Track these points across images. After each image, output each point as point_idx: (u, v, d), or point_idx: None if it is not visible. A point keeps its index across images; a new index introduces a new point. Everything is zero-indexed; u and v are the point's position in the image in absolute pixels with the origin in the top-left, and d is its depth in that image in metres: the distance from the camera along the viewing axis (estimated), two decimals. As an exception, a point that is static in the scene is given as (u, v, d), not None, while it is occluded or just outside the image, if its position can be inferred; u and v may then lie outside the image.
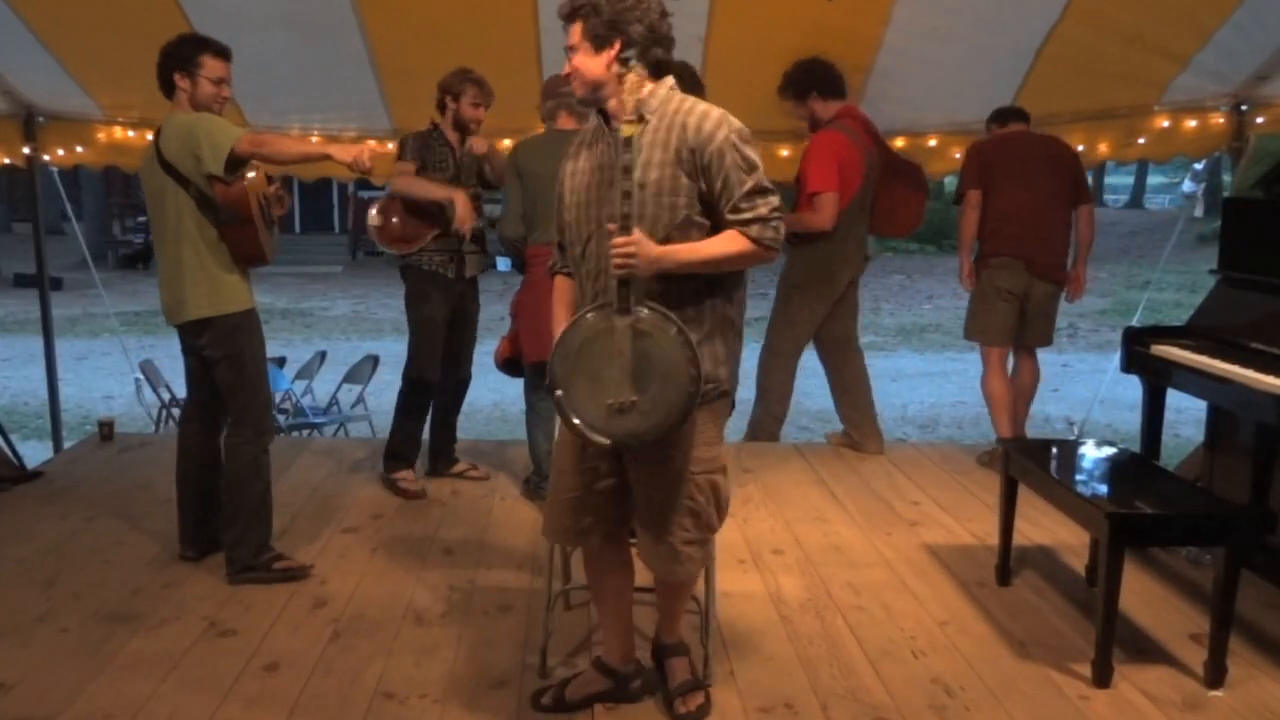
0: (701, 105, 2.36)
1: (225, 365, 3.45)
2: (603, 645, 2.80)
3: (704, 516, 2.49)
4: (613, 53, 2.32)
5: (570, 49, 2.37)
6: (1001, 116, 4.75)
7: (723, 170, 2.31)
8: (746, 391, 4.17)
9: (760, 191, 2.33)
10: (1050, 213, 4.57)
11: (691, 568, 2.55)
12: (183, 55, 3.48)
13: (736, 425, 4.14)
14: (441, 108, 4.30)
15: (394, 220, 4.19)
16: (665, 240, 2.31)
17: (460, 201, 4.18)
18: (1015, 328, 4.68)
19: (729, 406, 2.52)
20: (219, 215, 3.38)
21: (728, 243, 2.33)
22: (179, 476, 3.67)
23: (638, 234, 2.25)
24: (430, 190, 4.19)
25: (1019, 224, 4.53)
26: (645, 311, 2.28)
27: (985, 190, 4.58)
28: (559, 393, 2.34)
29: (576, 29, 2.34)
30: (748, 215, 2.32)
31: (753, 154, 2.34)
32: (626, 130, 2.27)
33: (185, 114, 3.45)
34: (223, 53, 3.55)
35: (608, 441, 2.32)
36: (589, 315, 2.33)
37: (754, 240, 2.32)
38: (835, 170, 4.60)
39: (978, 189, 4.60)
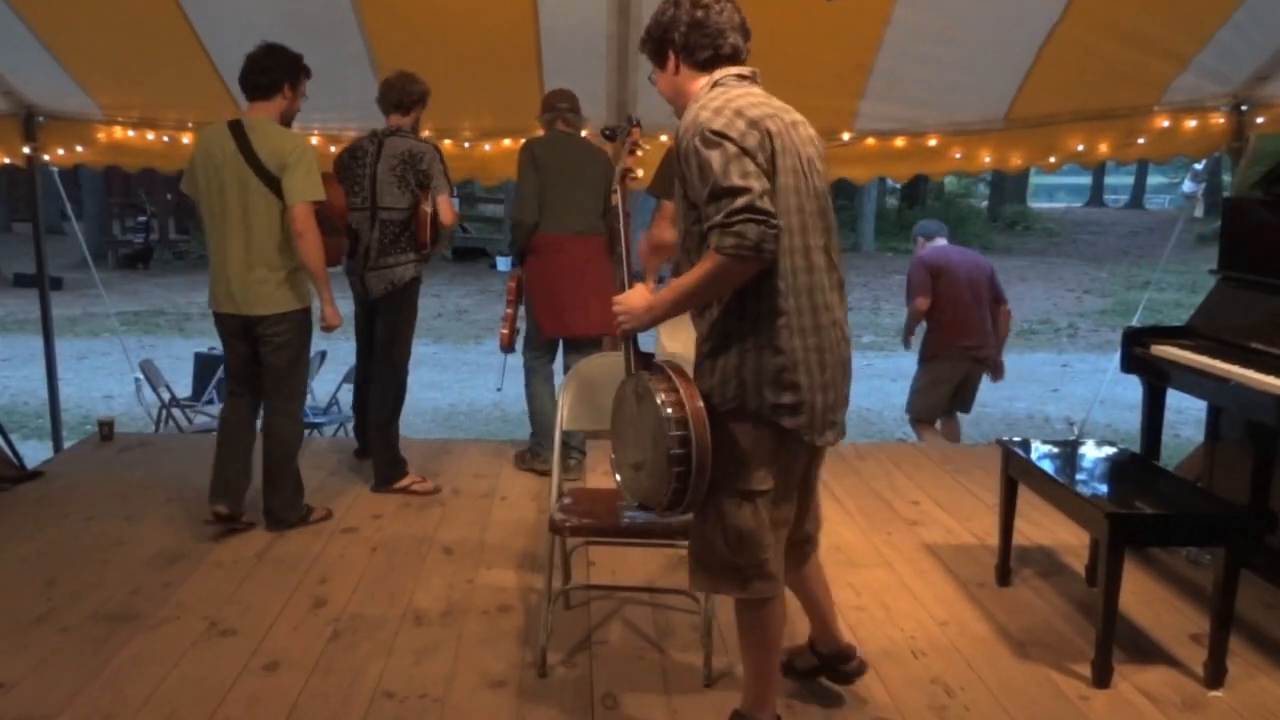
0: (701, 107, 2.19)
1: (288, 353, 3.84)
2: None
3: (696, 538, 2.36)
4: (671, 67, 2.34)
5: (650, 78, 2.43)
6: (928, 233, 5.70)
7: (690, 176, 2.16)
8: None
9: (717, 195, 2.08)
10: (983, 310, 5.49)
11: (695, 583, 2.44)
12: (295, 70, 3.79)
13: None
14: (407, 110, 4.41)
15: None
16: (686, 254, 2.26)
17: None
18: (947, 405, 5.70)
19: (755, 419, 2.23)
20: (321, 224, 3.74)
21: (699, 265, 2.14)
22: (225, 436, 3.90)
23: (629, 291, 2.34)
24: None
25: (963, 326, 5.44)
26: (645, 373, 2.29)
27: (934, 295, 5.46)
28: (613, 456, 2.44)
29: (646, 57, 2.41)
30: (708, 224, 2.10)
31: (712, 154, 2.09)
32: (615, 199, 2.40)
33: (283, 128, 3.78)
34: (310, 74, 3.92)
35: (635, 502, 2.35)
36: (620, 388, 2.42)
37: (715, 250, 2.07)
38: None
39: (928, 295, 5.46)
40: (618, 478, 2.42)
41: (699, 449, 2.16)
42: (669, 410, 2.16)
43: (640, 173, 2.62)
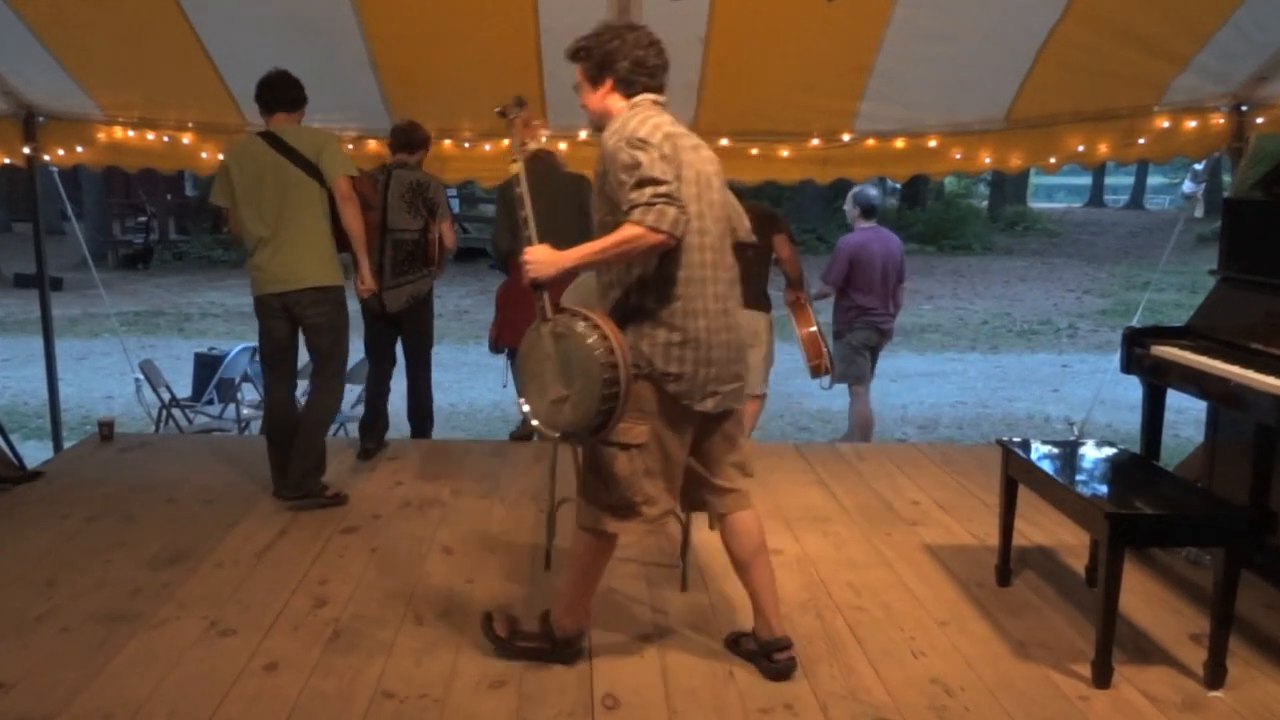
0: (626, 120, 2.60)
1: (331, 333, 4.27)
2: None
3: (584, 478, 2.77)
4: (605, 90, 2.70)
5: (576, 88, 2.77)
6: (867, 207, 6.05)
7: (615, 171, 2.54)
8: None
9: (643, 184, 2.47)
10: (891, 294, 6.07)
11: (580, 518, 2.81)
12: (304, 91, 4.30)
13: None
14: (414, 150, 4.98)
15: None
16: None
17: None
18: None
19: (648, 382, 2.62)
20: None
21: (614, 233, 2.51)
22: (273, 430, 4.33)
23: (536, 247, 2.67)
24: None
25: (874, 307, 5.98)
26: (562, 316, 2.60)
27: (850, 280, 5.96)
28: (520, 400, 2.69)
29: (578, 70, 2.74)
30: (631, 205, 2.47)
31: (638, 154, 2.49)
32: (512, 169, 2.78)
33: (312, 127, 4.34)
34: None
35: (558, 434, 2.66)
36: (530, 332, 2.70)
37: (635, 224, 2.45)
38: None
39: (837, 285, 5.99)
40: (534, 421, 2.69)
41: (625, 372, 2.50)
42: (599, 347, 2.49)
43: (538, 142, 3.15)
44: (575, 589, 2.88)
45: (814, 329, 5.45)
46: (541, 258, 2.64)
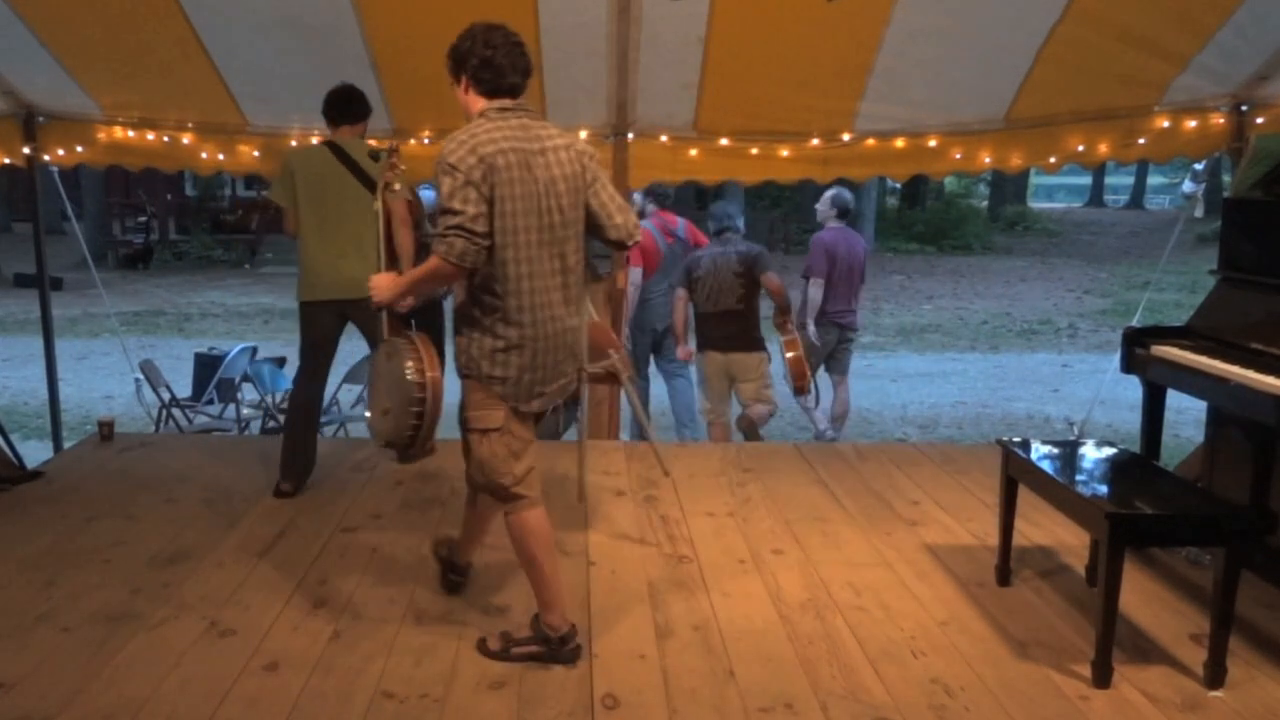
0: (451, 138, 2.70)
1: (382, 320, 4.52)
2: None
3: (470, 461, 2.98)
4: (463, 86, 2.84)
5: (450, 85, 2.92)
6: (843, 207, 6.38)
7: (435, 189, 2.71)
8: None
9: (442, 212, 2.66)
10: (853, 291, 6.36)
11: (469, 489, 3.13)
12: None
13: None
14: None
15: None
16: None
17: None
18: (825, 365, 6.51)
19: (491, 386, 2.82)
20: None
21: (426, 262, 2.73)
22: (295, 421, 4.45)
23: (380, 275, 2.97)
24: None
25: (837, 303, 6.27)
26: (396, 339, 2.86)
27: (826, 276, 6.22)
28: (366, 412, 2.92)
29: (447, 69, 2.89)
30: (434, 233, 2.69)
31: (444, 180, 2.66)
32: (375, 205, 3.22)
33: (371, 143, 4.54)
34: None
35: (383, 442, 2.98)
36: (381, 342, 3.05)
37: (434, 252, 2.66)
38: None
39: (823, 276, 6.19)
40: (367, 414, 2.93)
41: (431, 404, 2.79)
42: (411, 371, 2.83)
43: (398, 186, 3.34)
44: (537, 582, 2.96)
45: (798, 354, 5.79)
46: (382, 284, 2.92)
